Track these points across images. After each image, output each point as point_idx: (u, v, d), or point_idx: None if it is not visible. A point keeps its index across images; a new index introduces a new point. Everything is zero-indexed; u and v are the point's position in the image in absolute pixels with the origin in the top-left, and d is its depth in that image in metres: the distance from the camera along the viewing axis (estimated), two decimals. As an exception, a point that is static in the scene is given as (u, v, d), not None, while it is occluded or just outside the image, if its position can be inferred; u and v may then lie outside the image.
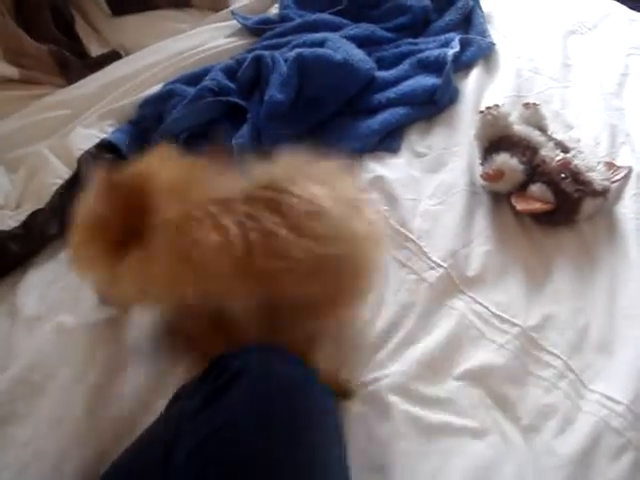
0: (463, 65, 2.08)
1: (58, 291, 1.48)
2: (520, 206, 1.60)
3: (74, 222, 1.22)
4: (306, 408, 1.00)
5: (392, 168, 1.76)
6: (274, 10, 2.38)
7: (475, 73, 2.07)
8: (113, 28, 2.33)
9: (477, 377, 1.36)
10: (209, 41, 2.18)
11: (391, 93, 1.92)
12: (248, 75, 1.92)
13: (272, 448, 0.94)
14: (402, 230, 1.61)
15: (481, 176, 1.69)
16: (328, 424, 1.03)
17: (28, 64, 2.08)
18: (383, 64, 2.04)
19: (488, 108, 1.74)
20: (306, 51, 1.89)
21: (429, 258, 1.55)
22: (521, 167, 1.64)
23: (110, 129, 1.87)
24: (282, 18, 2.28)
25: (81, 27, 2.31)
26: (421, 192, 1.71)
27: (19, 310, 1.45)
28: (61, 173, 1.72)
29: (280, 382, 1.01)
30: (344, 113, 1.89)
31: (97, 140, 1.81)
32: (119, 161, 1.72)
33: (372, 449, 1.23)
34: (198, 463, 0.93)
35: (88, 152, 1.75)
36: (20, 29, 2.12)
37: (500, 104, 1.78)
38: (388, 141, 1.84)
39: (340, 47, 1.93)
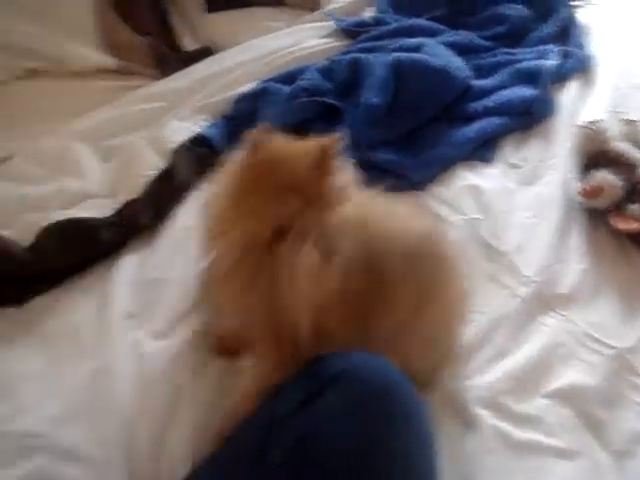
0: (561, 77, 2.04)
1: (150, 285, 1.50)
2: (621, 225, 1.57)
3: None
4: (403, 412, 0.99)
5: (486, 178, 1.74)
6: (369, 13, 2.38)
7: (572, 86, 2.04)
8: (207, 24, 2.35)
9: (567, 396, 1.33)
10: (304, 41, 2.18)
11: (488, 102, 1.90)
12: (344, 77, 1.92)
13: (370, 452, 0.93)
14: (493, 242, 1.59)
15: (579, 192, 1.65)
16: (423, 428, 1.02)
17: (125, 55, 2.12)
18: (480, 72, 2.02)
19: (589, 122, 1.71)
20: (403, 56, 1.88)
21: (521, 273, 1.52)
22: (620, 184, 1.61)
23: (204, 123, 1.89)
24: (378, 21, 2.28)
25: (176, 21, 2.33)
26: (515, 204, 1.68)
27: (109, 303, 1.47)
28: (155, 165, 1.73)
29: (378, 385, 1.00)
30: (439, 120, 1.87)
31: (191, 133, 1.82)
32: (213, 155, 1.74)
33: (458, 461, 1.21)
34: (296, 462, 0.93)
35: (183, 145, 1.77)
36: (119, 20, 2.15)
37: (600, 119, 1.74)
38: (482, 150, 1.82)
39: (438, 53, 1.92)
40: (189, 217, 1.61)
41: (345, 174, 1.22)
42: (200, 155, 1.75)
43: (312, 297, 1.12)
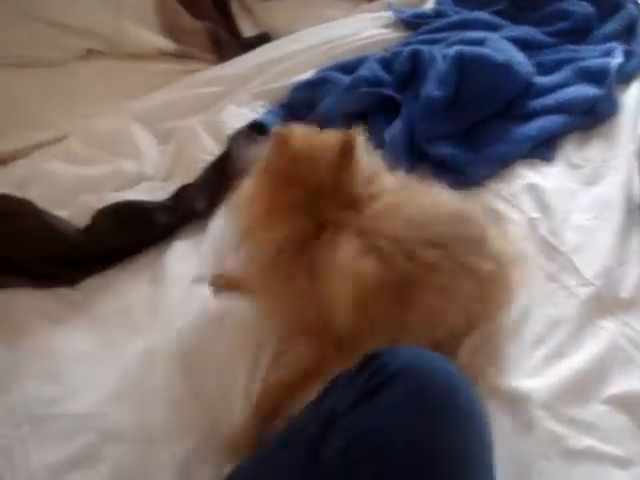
0: (624, 77, 1.99)
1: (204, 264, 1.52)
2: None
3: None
4: (465, 412, 0.98)
5: (546, 177, 1.72)
6: (429, 4, 2.35)
7: (636, 86, 1.99)
8: (265, 10, 2.36)
9: (625, 403, 1.30)
10: (363, 31, 2.16)
11: (549, 100, 1.86)
12: (405, 69, 1.90)
13: (430, 449, 0.92)
14: (553, 242, 1.56)
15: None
16: (484, 430, 1.00)
17: (184, 39, 2.13)
18: (542, 69, 1.99)
19: (655, 124, 1.68)
20: (466, 49, 1.86)
21: (581, 274, 1.49)
22: (684, 187, 1.57)
23: (261, 110, 1.90)
24: (438, 13, 2.25)
25: (236, 7, 2.34)
26: (576, 204, 1.65)
27: (162, 286, 1.48)
28: (211, 149, 1.74)
29: (441, 384, 0.98)
30: (501, 116, 1.84)
31: (247, 119, 1.82)
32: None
33: (511, 461, 1.18)
34: (351, 461, 0.92)
35: (239, 131, 1.77)
36: (179, 4, 2.16)
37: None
38: (542, 149, 1.79)
39: (501, 48, 1.89)
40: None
41: (374, 162, 1.26)
42: (257, 142, 1.74)
43: (353, 289, 1.14)
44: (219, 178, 1.66)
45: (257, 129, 1.80)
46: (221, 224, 1.59)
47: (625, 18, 2.17)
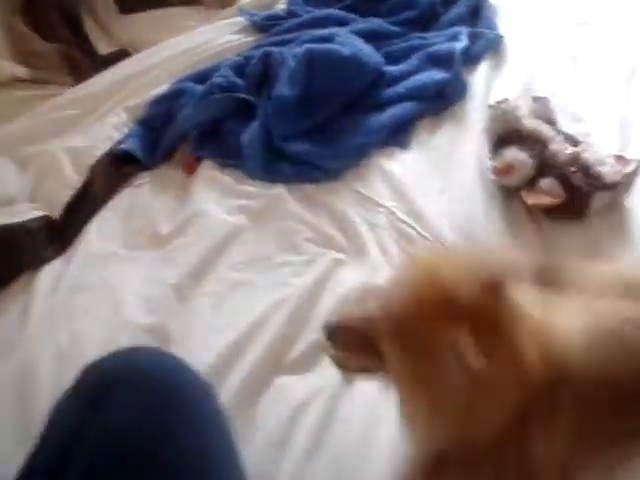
0: (472, 59, 2.07)
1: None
2: (530, 200, 1.59)
3: None
4: (192, 399, 1.00)
5: (402, 163, 1.76)
6: (281, 6, 2.38)
7: (483, 67, 2.06)
8: (122, 26, 2.35)
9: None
10: (217, 38, 2.18)
11: (400, 88, 1.91)
12: (257, 71, 1.92)
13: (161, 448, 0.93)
14: (413, 224, 1.61)
15: (490, 170, 1.68)
16: (215, 412, 1.03)
17: (37, 64, 2.11)
18: (392, 59, 2.03)
19: (498, 102, 1.74)
20: (314, 46, 1.89)
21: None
22: (530, 161, 1.63)
23: (122, 128, 1.89)
24: (289, 14, 2.28)
25: (90, 26, 2.32)
26: (431, 187, 1.70)
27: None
28: (73, 180, 1.75)
29: (158, 380, 0.99)
30: (353, 108, 1.88)
31: (109, 141, 1.84)
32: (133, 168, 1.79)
33: None
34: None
35: (100, 161, 1.78)
36: (29, 29, 2.13)
37: (509, 98, 1.77)
38: (397, 136, 1.83)
39: (348, 42, 1.93)
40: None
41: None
42: (119, 170, 1.79)
43: None
44: (81, 211, 1.68)
45: (119, 156, 1.81)
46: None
47: (469, 2, 2.24)
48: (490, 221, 1.63)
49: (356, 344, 1.04)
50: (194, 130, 1.82)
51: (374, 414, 1.26)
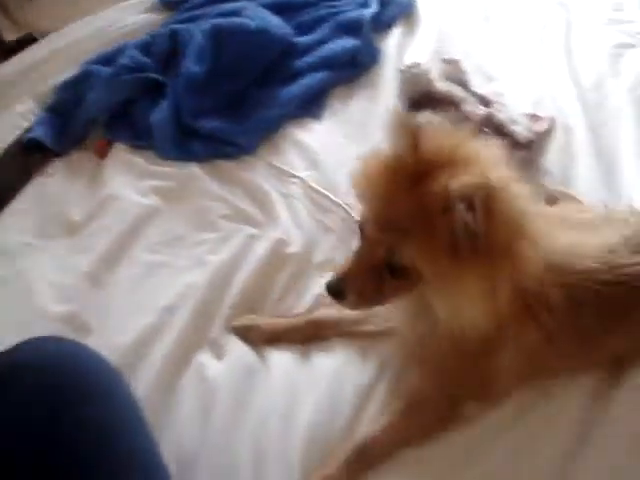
0: (384, 25, 2.06)
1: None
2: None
3: None
4: (94, 380, 1.00)
5: (315, 133, 1.76)
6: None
7: (396, 32, 2.06)
8: (27, 11, 2.29)
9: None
10: (125, 18, 2.13)
11: (311, 58, 1.90)
12: (164, 49, 1.89)
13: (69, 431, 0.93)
14: (327, 194, 1.60)
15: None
16: (118, 389, 1.04)
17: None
18: (303, 29, 2.02)
19: (408, 66, 1.73)
20: (221, 21, 1.87)
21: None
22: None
23: (30, 116, 1.84)
24: (196, -10, 2.23)
25: (-7, 13, 2.26)
26: (346, 155, 1.68)
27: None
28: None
29: (58, 365, 0.99)
30: (264, 81, 1.86)
31: (17, 131, 1.80)
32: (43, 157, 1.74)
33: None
34: None
35: (9, 151, 1.74)
36: None
37: (420, 61, 1.76)
38: (310, 107, 1.82)
39: (256, 15, 1.91)
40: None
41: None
42: (28, 159, 1.74)
43: None
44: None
45: (28, 145, 1.76)
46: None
47: (379, -33, 2.23)
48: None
49: (367, 281, 1.05)
50: (103, 114, 1.78)
51: (292, 386, 1.26)
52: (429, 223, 0.93)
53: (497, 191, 0.92)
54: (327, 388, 1.24)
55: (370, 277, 1.04)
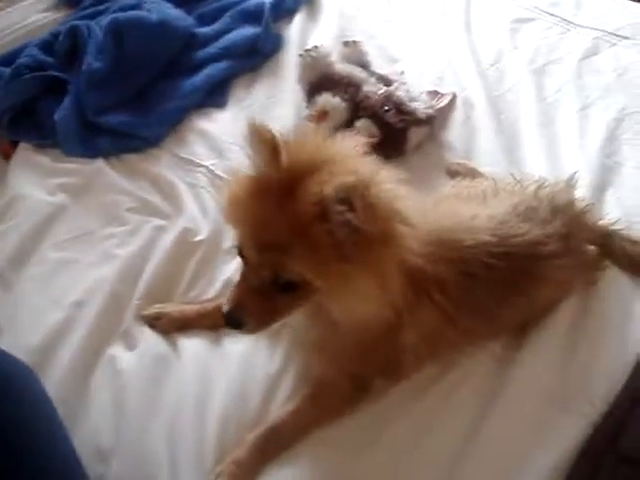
0: (285, 11, 2.09)
1: None
2: (344, 143, 1.62)
3: None
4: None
5: (218, 122, 1.77)
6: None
7: (298, 18, 2.09)
8: None
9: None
10: (24, 18, 2.10)
11: (212, 48, 1.91)
12: (65, 47, 1.87)
13: None
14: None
15: (306, 118, 1.70)
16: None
17: None
18: (205, 20, 2.03)
19: (307, 50, 1.75)
20: (120, 15, 1.86)
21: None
22: (344, 105, 1.66)
23: None
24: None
25: None
26: (247, 143, 1.71)
27: None
28: None
29: None
30: (167, 74, 1.87)
31: None
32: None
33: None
34: None
35: None
36: None
37: (319, 45, 1.79)
38: (214, 96, 1.84)
39: (156, 8, 1.90)
40: None
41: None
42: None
43: None
44: None
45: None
46: None
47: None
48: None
49: (260, 304, 1.04)
50: (6, 114, 1.76)
51: (204, 372, 1.27)
52: (308, 233, 0.94)
53: (369, 185, 0.93)
54: (238, 373, 1.26)
55: (263, 299, 1.04)
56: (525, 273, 1.17)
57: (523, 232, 1.15)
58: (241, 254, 1.05)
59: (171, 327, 1.35)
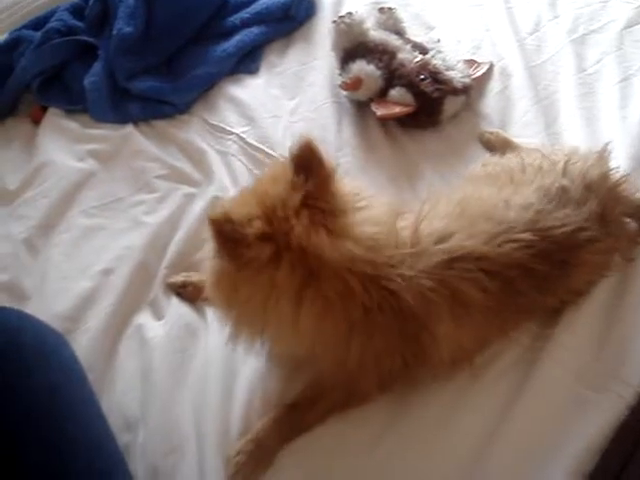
0: (319, -23, 2.03)
1: None
2: (380, 112, 1.58)
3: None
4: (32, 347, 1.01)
5: (250, 89, 1.75)
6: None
7: (333, -16, 2.03)
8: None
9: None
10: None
11: (245, 14, 1.87)
12: (96, 11, 1.85)
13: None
14: (264, 148, 1.59)
15: (340, 86, 1.66)
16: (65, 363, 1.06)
17: None
18: (236, -15, 1.98)
19: (341, 17, 1.71)
20: (152, -20, 1.83)
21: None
22: (378, 73, 1.62)
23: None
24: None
25: None
26: (282, 109, 1.69)
27: None
28: None
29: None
30: (199, 40, 1.84)
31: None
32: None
33: None
34: None
35: None
36: None
37: (354, 11, 1.74)
38: (246, 62, 1.81)
39: (187, -27, 1.87)
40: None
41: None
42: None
43: None
44: None
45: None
46: None
47: None
48: (343, 137, 1.62)
49: None
50: (36, 79, 1.75)
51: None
52: None
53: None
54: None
55: None
56: (565, 263, 1.13)
57: (561, 223, 1.11)
58: None
59: (197, 296, 1.33)
